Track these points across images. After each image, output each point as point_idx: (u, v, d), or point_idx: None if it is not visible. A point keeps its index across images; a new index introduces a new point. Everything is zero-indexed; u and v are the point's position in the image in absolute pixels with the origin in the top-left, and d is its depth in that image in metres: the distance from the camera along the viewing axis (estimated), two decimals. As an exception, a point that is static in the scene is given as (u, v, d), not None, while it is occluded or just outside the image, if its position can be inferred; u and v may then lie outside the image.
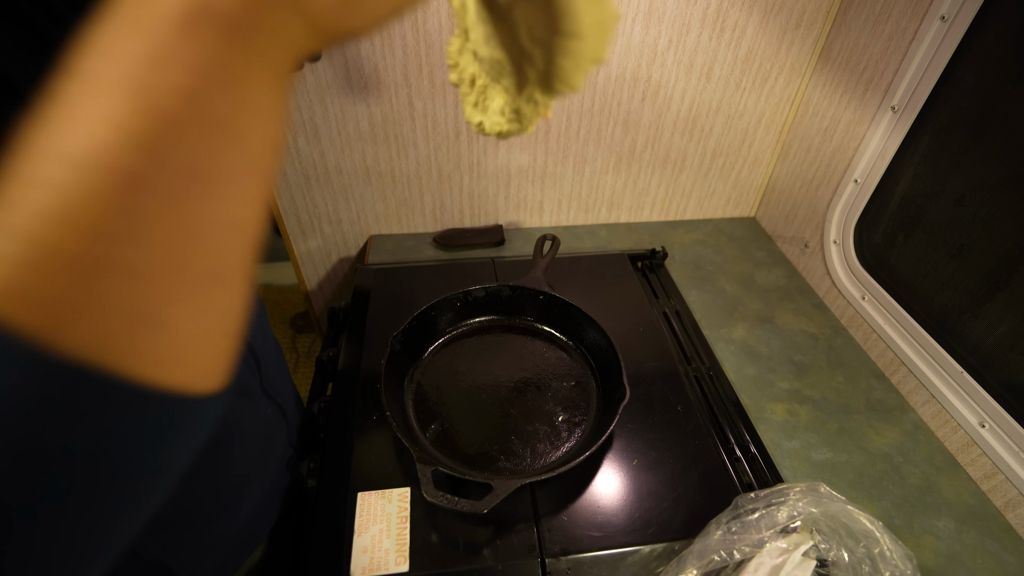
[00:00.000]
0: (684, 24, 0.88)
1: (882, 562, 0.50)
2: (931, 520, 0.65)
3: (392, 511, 0.58)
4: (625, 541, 0.57)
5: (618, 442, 0.67)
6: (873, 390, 0.81)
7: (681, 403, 0.73)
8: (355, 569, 0.54)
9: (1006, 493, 0.66)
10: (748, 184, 1.14)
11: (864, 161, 0.86)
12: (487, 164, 1.01)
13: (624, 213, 1.14)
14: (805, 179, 1.01)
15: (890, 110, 0.80)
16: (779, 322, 0.92)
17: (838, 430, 0.74)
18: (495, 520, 0.58)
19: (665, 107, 0.98)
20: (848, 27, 0.88)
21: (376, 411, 0.68)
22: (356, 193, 1.02)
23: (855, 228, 0.90)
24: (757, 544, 0.52)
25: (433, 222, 1.09)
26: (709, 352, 0.83)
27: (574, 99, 0.94)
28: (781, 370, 0.83)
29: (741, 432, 0.71)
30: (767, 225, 1.14)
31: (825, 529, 0.53)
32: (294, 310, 2.16)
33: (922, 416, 0.77)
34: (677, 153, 1.06)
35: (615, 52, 0.89)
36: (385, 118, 0.92)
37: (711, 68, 0.94)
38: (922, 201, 0.79)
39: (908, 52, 0.76)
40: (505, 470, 0.63)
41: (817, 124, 0.96)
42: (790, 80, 0.98)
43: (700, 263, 1.04)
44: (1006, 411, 0.66)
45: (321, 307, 1.17)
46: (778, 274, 1.02)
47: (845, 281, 0.91)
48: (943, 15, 0.71)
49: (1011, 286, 0.67)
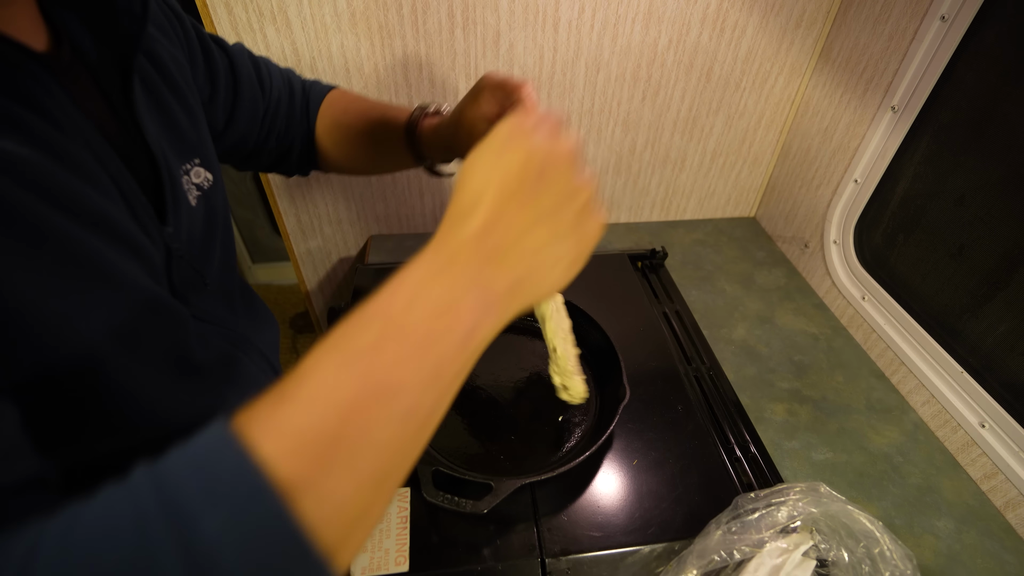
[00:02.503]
0: (684, 24, 0.88)
1: (882, 562, 0.50)
2: (931, 520, 0.65)
3: (392, 511, 0.58)
4: (625, 541, 0.57)
5: (618, 442, 0.67)
6: (873, 390, 0.81)
7: (681, 403, 0.73)
8: (355, 569, 0.54)
9: (1006, 493, 0.66)
10: (748, 184, 1.14)
11: (864, 161, 0.86)
12: (487, 164, 1.01)
13: (624, 213, 1.14)
14: (805, 179, 1.01)
15: (890, 110, 0.80)
16: (779, 322, 0.92)
17: (838, 430, 0.74)
18: (495, 520, 0.58)
19: (665, 107, 0.98)
20: (848, 27, 0.88)
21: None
22: (356, 193, 1.02)
23: (855, 228, 0.90)
24: (757, 544, 0.52)
25: (433, 222, 1.09)
26: (709, 352, 0.83)
27: (574, 99, 0.94)
28: (781, 370, 0.83)
29: (741, 432, 0.71)
30: (767, 225, 1.14)
31: (825, 529, 0.53)
32: (294, 310, 2.16)
33: (922, 416, 0.77)
34: (677, 153, 1.06)
35: (615, 52, 0.89)
36: (385, 118, 0.92)
37: (711, 68, 0.94)
38: (922, 201, 0.79)
39: (908, 52, 0.76)
40: (505, 470, 0.62)
41: (817, 124, 0.96)
42: (790, 80, 0.98)
43: (700, 263, 1.04)
44: (1006, 411, 0.66)
45: (321, 307, 1.17)
46: (778, 274, 1.02)
47: (845, 281, 0.91)
48: (943, 15, 0.71)
49: (1011, 286, 0.67)
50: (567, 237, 0.33)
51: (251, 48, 0.62)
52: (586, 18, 0.85)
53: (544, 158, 0.31)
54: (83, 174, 0.34)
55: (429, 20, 0.82)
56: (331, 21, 0.80)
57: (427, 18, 0.82)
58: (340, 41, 0.82)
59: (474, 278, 0.29)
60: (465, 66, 0.88)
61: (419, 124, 0.60)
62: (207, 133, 0.50)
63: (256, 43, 0.80)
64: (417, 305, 0.28)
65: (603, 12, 0.85)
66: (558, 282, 0.34)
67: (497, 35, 0.85)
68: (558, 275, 0.33)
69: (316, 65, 0.84)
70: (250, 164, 0.65)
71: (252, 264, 2.23)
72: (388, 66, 0.86)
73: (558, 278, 0.33)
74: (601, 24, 0.86)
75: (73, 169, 0.33)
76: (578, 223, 0.33)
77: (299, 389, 0.24)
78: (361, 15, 0.80)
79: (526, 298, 0.32)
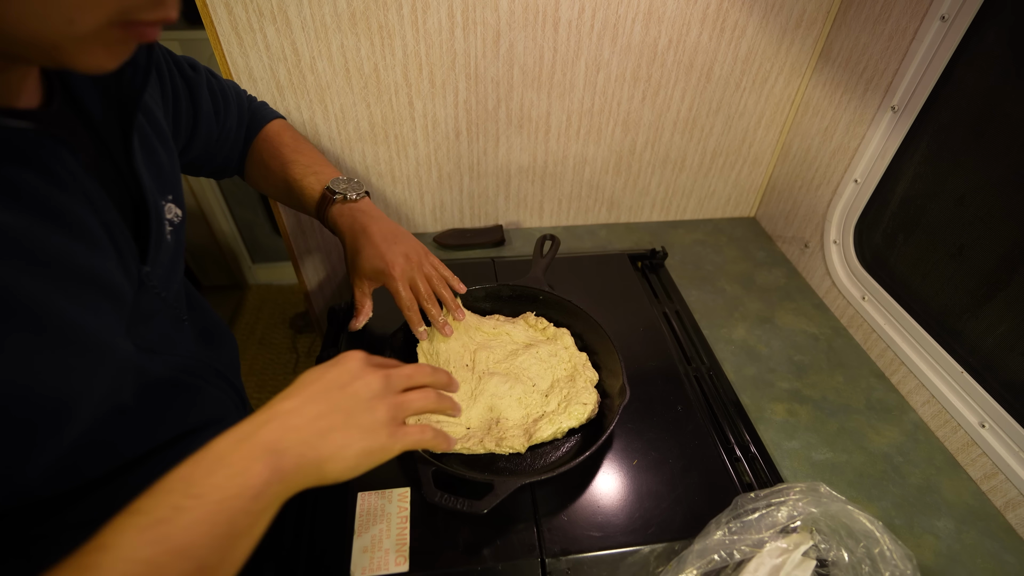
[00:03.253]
0: (684, 24, 0.88)
1: (882, 562, 0.50)
2: (931, 520, 0.65)
3: (392, 511, 0.58)
4: (625, 541, 0.57)
5: (618, 442, 0.67)
6: (873, 390, 0.81)
7: (681, 403, 0.73)
8: (355, 569, 0.54)
9: (1006, 493, 0.66)
10: (748, 184, 1.14)
11: (864, 161, 0.86)
12: (487, 164, 1.01)
13: (624, 213, 1.14)
14: (805, 179, 1.01)
15: (890, 110, 0.80)
16: (779, 322, 0.92)
17: (838, 430, 0.74)
18: (495, 520, 0.58)
19: (665, 107, 0.98)
20: (848, 27, 0.88)
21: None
22: (356, 193, 1.02)
23: (855, 228, 0.90)
24: (757, 544, 0.52)
25: (433, 222, 1.09)
26: (709, 352, 0.83)
27: (574, 99, 0.94)
28: (781, 370, 0.83)
29: (741, 432, 0.71)
30: (767, 225, 1.14)
31: (825, 529, 0.53)
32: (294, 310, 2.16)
33: (922, 416, 0.77)
34: (677, 153, 1.06)
35: (615, 52, 0.90)
36: (385, 118, 0.92)
37: (711, 68, 0.94)
38: (922, 201, 0.79)
39: (908, 52, 0.76)
40: (505, 470, 0.63)
41: (817, 124, 0.96)
42: (790, 80, 0.98)
43: (700, 263, 1.04)
44: (1006, 411, 0.66)
45: (321, 307, 1.17)
46: (778, 274, 1.02)
47: (845, 281, 0.91)
48: (943, 15, 0.71)
49: (1011, 286, 0.66)
50: (356, 433, 0.40)
51: (251, 48, 0.63)
52: (586, 18, 0.85)
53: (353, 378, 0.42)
54: (76, 233, 0.36)
55: (429, 20, 0.82)
56: (331, 21, 0.80)
57: (427, 18, 0.82)
58: (340, 41, 0.82)
59: (270, 448, 0.36)
60: (465, 66, 0.88)
61: (327, 210, 0.68)
62: (179, 170, 0.52)
63: (256, 43, 0.80)
64: (218, 469, 0.34)
65: (603, 12, 0.85)
66: (349, 467, 0.40)
67: (497, 35, 0.85)
68: (348, 461, 0.40)
69: (316, 65, 0.84)
70: (194, 172, 0.70)
71: (252, 264, 2.23)
72: (388, 66, 0.86)
73: (349, 464, 0.40)
74: (601, 24, 0.86)
75: (66, 229, 0.35)
76: (371, 428, 0.41)
77: (102, 557, 0.29)
78: (361, 15, 0.80)
79: (315, 473, 0.38)
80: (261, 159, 0.72)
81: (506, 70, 0.89)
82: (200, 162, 0.68)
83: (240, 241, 2.13)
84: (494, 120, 0.95)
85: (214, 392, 0.52)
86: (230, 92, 0.69)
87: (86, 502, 0.41)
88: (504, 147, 0.99)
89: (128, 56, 0.31)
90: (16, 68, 0.34)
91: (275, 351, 2.02)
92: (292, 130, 0.77)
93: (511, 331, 0.75)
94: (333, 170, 0.72)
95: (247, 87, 0.84)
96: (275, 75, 0.84)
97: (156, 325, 0.46)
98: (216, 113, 0.65)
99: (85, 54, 0.29)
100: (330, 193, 0.68)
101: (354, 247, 0.66)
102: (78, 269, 0.36)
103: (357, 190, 0.69)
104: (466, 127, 0.95)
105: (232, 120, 0.68)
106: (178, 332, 0.50)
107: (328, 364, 0.43)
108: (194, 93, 0.60)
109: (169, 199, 0.48)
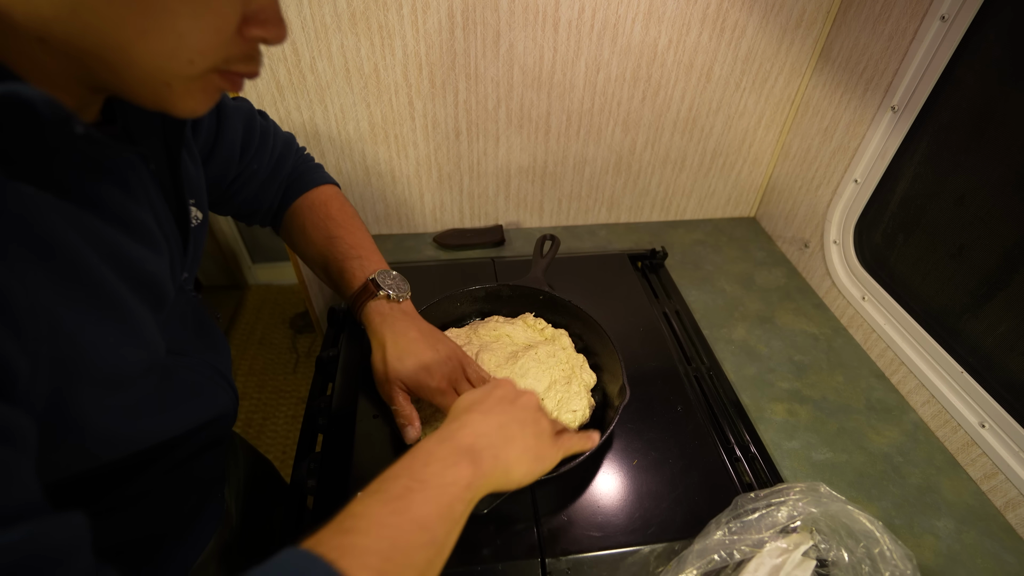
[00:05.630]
0: (684, 24, 0.88)
1: (882, 562, 0.50)
2: (931, 520, 0.65)
3: (392, 511, 0.58)
4: (625, 541, 0.57)
5: (618, 442, 0.67)
6: (873, 390, 0.81)
7: (681, 403, 0.73)
8: (355, 569, 0.53)
9: (1006, 493, 0.66)
10: (748, 184, 1.14)
11: (864, 161, 0.86)
12: (487, 164, 1.01)
13: (624, 213, 1.14)
14: (805, 179, 1.01)
15: (890, 110, 0.80)
16: (779, 322, 0.92)
17: (838, 430, 0.74)
18: (495, 520, 0.58)
19: (665, 107, 0.98)
20: (848, 27, 0.88)
21: (376, 410, 0.68)
22: (356, 193, 1.02)
23: (855, 228, 0.90)
24: (757, 544, 0.52)
25: (433, 222, 1.09)
26: (709, 352, 0.83)
27: (574, 99, 0.94)
28: (781, 370, 0.83)
29: (741, 432, 0.71)
30: (767, 225, 1.14)
31: (825, 529, 0.53)
32: (294, 310, 2.16)
33: (922, 416, 0.77)
34: (677, 153, 1.06)
35: (615, 52, 0.90)
36: (385, 118, 0.92)
37: (711, 68, 0.94)
38: (922, 201, 0.79)
39: (908, 52, 0.76)
40: (505, 470, 0.62)
41: (817, 124, 0.96)
42: (790, 80, 0.98)
43: (700, 263, 1.04)
44: (1006, 411, 0.66)
45: (321, 307, 1.17)
46: (778, 274, 1.02)
47: (845, 281, 0.91)
48: (943, 15, 0.71)
49: (1011, 286, 0.67)
50: (532, 441, 0.46)
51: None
52: (586, 18, 0.85)
53: (517, 395, 0.49)
54: (147, 240, 0.39)
55: (429, 20, 0.82)
56: (331, 21, 0.80)
57: (427, 18, 0.82)
58: (340, 41, 0.82)
59: (467, 448, 0.42)
60: (465, 66, 0.88)
61: (365, 303, 0.65)
62: (203, 176, 0.53)
63: (256, 43, 0.80)
64: (432, 462, 0.40)
65: (603, 12, 0.85)
66: (527, 471, 0.45)
67: (497, 35, 0.85)
68: (528, 466, 0.45)
69: (316, 65, 0.84)
70: (218, 209, 0.66)
71: (252, 264, 2.24)
72: (388, 66, 0.86)
73: (527, 469, 0.45)
74: (601, 24, 0.86)
75: (139, 237, 0.38)
76: (541, 437, 0.48)
77: (358, 522, 0.34)
78: (361, 15, 0.80)
79: (503, 476, 0.43)
80: (303, 225, 0.68)
81: (506, 70, 0.89)
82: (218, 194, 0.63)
83: (240, 241, 2.14)
84: (494, 120, 0.95)
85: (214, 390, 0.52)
86: (273, 139, 0.65)
87: (143, 477, 0.44)
88: (504, 147, 0.99)
89: (216, 103, 0.34)
90: (97, 95, 0.35)
91: (275, 351, 2.02)
92: (342, 199, 0.72)
93: (511, 332, 0.75)
94: (379, 257, 0.68)
95: (247, 87, 0.84)
96: (275, 75, 0.84)
97: (176, 326, 0.47)
98: (244, 148, 0.61)
99: (188, 95, 0.32)
100: (374, 287, 0.64)
101: (396, 352, 0.62)
102: (146, 275, 0.38)
103: (403, 289, 0.65)
104: (466, 127, 0.95)
105: (263, 165, 0.64)
106: (185, 332, 0.50)
107: (486, 387, 0.49)
108: (221, 114, 0.58)
109: (192, 203, 0.49)
